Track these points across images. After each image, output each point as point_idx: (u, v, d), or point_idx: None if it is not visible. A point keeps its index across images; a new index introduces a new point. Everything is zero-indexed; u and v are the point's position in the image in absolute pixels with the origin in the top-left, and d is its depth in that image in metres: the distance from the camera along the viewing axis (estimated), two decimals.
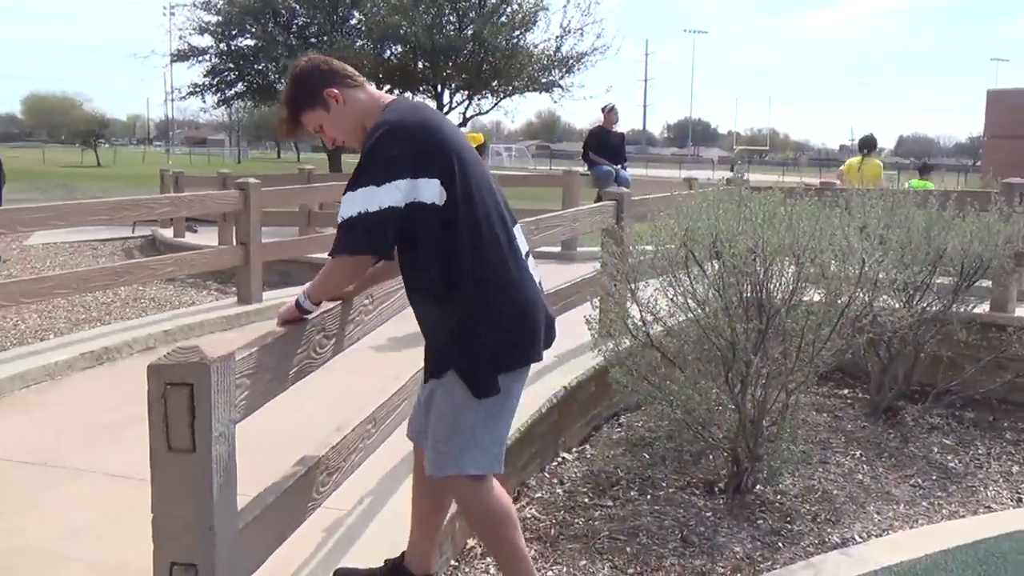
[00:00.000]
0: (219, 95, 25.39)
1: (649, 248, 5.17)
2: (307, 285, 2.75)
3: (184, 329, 6.86)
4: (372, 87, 2.94)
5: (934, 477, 5.26)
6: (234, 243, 9.31)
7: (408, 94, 23.97)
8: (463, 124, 28.01)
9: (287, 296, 8.20)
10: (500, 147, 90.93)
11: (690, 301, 4.70)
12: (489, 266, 2.72)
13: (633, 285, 4.92)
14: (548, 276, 7.42)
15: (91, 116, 70.85)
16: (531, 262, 2.91)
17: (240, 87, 25.21)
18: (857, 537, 4.36)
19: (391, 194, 2.59)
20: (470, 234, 2.69)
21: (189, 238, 14.16)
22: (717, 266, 4.57)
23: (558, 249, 11.88)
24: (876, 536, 4.39)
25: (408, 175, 2.61)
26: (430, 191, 2.63)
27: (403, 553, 3.13)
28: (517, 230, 2.89)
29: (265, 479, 2.74)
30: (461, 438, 2.76)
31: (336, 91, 2.79)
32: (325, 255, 2.81)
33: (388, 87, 23.46)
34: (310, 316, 2.74)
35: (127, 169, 50.35)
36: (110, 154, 67.09)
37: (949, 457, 5.62)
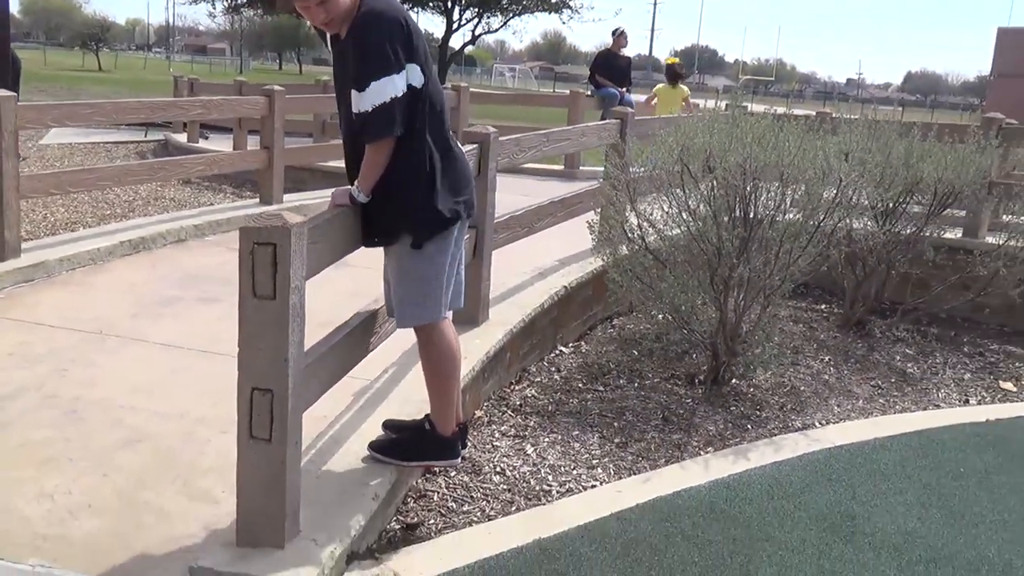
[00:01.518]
0: (229, 2, 25.50)
1: (648, 167, 5.67)
2: (357, 182, 3.23)
3: (212, 224, 7.37)
4: None
5: (893, 380, 5.85)
6: (251, 147, 9.76)
7: (417, 10, 24.06)
8: (472, 42, 28.17)
9: (305, 199, 8.73)
10: (504, 67, 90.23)
11: (683, 213, 5.22)
12: (442, 140, 3.26)
13: (633, 196, 5.42)
14: (552, 191, 7.95)
15: (92, 19, 70.12)
16: None
17: None
18: (817, 424, 4.96)
19: (403, 79, 3.07)
20: (432, 113, 3.21)
21: (201, 143, 14.55)
22: (708, 180, 5.07)
23: (561, 167, 12.36)
24: (834, 423, 4.99)
25: (408, 61, 3.09)
26: (416, 74, 3.12)
27: None
28: None
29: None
30: (417, 292, 3.32)
31: None
32: (342, 164, 3.31)
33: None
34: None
35: (129, 74, 50.11)
36: (110, 58, 66.52)
37: (909, 364, 6.21)
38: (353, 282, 4.98)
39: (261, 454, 2.80)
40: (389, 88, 3.05)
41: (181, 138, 15.01)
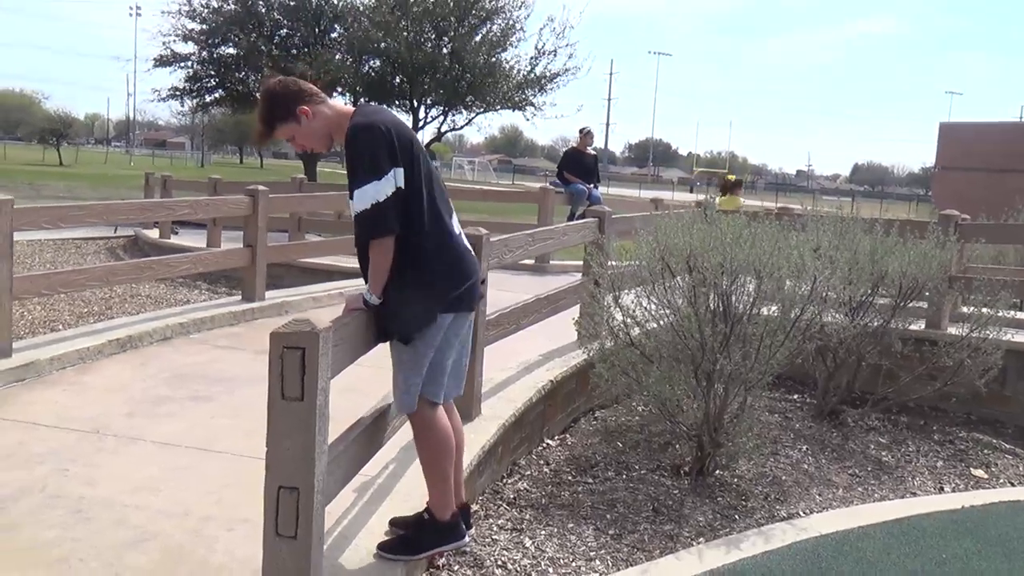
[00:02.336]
0: (198, 100, 25.89)
1: (629, 264, 5.90)
2: (367, 286, 3.42)
3: (196, 322, 7.45)
4: (333, 101, 3.62)
5: (869, 468, 6.04)
6: (225, 243, 9.90)
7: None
8: (437, 139, 28.78)
9: (285, 296, 8.85)
10: (463, 160, 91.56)
11: (665, 309, 5.43)
12: (435, 236, 3.45)
13: (616, 292, 5.63)
14: (527, 285, 8.12)
15: (53, 115, 70.26)
16: (463, 236, 3.66)
17: (219, 94, 25.73)
18: (801, 513, 5.11)
19: (390, 182, 3.31)
20: (420, 210, 3.41)
21: (172, 239, 14.65)
22: (689, 278, 5.30)
23: (532, 262, 12.62)
24: (817, 512, 5.14)
25: (393, 165, 3.32)
26: (401, 177, 3.35)
27: None
28: (453, 213, 3.65)
29: None
30: (409, 382, 3.48)
31: (307, 108, 3.48)
32: (318, 260, 3.48)
33: (366, 99, 24.12)
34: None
35: (90, 169, 50.30)
36: (71, 153, 66.67)
37: (883, 453, 6.41)
38: (344, 375, 5.09)
39: (287, 551, 2.89)
40: (372, 192, 3.28)
41: (152, 234, 15.10)
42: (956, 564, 4.41)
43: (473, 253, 3.67)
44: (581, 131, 13.40)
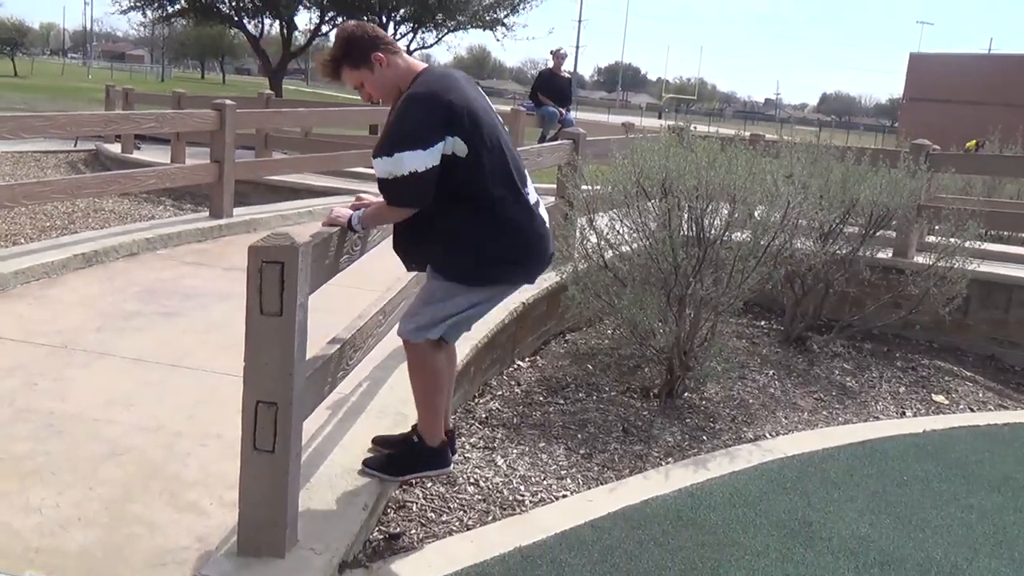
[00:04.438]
0: (160, 12, 25.05)
1: (602, 187, 5.87)
2: (362, 212, 3.38)
3: (163, 238, 7.34)
4: (405, 54, 3.46)
5: (834, 393, 6.15)
6: (189, 159, 9.73)
7: (352, 21, 24.09)
8: None
9: (253, 213, 8.74)
10: None
11: (639, 232, 5.43)
12: (499, 205, 3.29)
13: (591, 215, 5.61)
14: None
15: (7, 23, 67.93)
16: (542, 209, 3.50)
17: (182, 4, 24.89)
18: (767, 435, 5.20)
19: (433, 156, 3.14)
20: (485, 180, 3.26)
21: (135, 154, 14.35)
22: (664, 202, 5.29)
23: None
24: (783, 434, 5.24)
25: (443, 136, 3.16)
26: (458, 147, 3.20)
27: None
28: (528, 181, 3.49)
29: None
30: (424, 319, 3.38)
31: (382, 55, 3.34)
32: (286, 178, 3.34)
33: (332, 14, 23.57)
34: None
35: (46, 80, 48.85)
36: (25, 64, 64.63)
37: (848, 379, 6.52)
38: (324, 297, 5.06)
39: (265, 465, 2.89)
40: (411, 160, 3.11)
41: (114, 148, 14.78)
42: (917, 485, 4.53)
43: (548, 223, 3.49)
44: (553, 52, 13.21)
